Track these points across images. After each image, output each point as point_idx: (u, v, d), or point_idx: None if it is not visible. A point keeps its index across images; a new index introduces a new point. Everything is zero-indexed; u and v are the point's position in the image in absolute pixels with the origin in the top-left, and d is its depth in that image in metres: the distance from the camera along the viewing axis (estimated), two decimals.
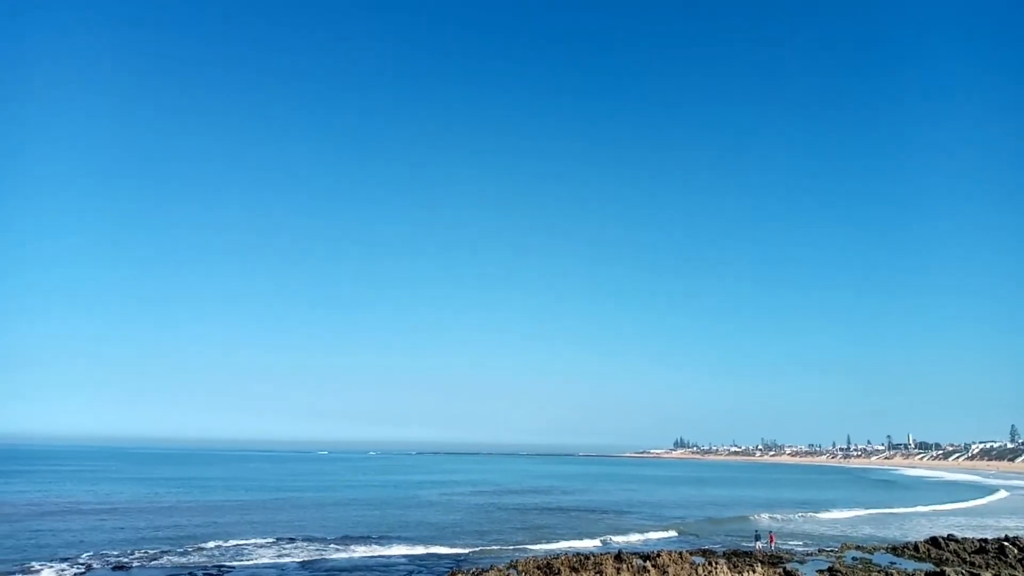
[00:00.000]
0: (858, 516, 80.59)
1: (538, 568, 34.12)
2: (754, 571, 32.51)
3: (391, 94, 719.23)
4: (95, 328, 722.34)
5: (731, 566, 33.98)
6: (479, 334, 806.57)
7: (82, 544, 47.35)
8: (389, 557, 45.23)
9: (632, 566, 33.80)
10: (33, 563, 39.76)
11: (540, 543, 52.58)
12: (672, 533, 60.60)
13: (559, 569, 33.30)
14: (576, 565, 34.37)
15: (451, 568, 39.63)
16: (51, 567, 38.96)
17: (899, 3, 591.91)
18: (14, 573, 36.95)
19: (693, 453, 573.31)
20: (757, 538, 49.20)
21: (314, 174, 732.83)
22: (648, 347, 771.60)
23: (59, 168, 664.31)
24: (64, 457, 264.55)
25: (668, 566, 33.72)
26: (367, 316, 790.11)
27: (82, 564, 40.34)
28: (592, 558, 36.09)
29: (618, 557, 35.99)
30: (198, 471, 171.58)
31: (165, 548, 46.40)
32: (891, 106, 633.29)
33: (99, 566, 39.97)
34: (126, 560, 41.77)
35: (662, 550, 40.83)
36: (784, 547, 50.02)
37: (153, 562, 41.57)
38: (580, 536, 57.33)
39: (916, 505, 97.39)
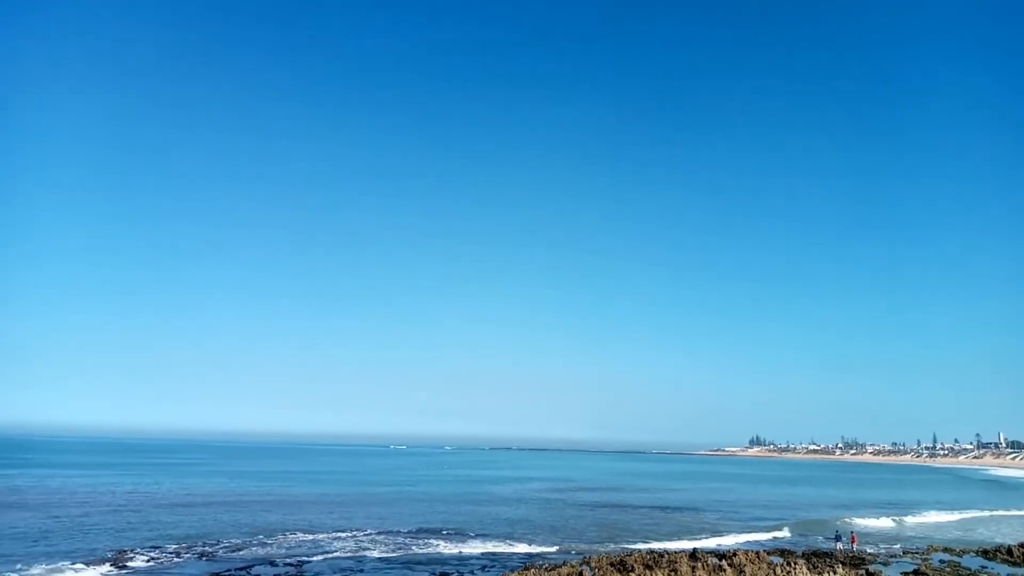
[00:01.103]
0: (946, 518, 77.39)
1: (611, 565, 33.96)
2: (835, 572, 31.62)
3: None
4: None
5: (810, 567, 33.14)
6: (552, 333, 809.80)
7: (169, 535, 49.44)
8: (464, 551, 45.74)
9: (708, 565, 33.31)
10: (126, 551, 41.88)
11: (613, 541, 52.36)
12: (749, 533, 59.46)
13: (632, 566, 33.06)
14: (650, 562, 34.07)
15: (524, 563, 39.82)
16: (142, 555, 40.90)
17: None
18: (110, 560, 38.90)
19: (769, 451, 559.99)
20: (838, 538, 47.79)
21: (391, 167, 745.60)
22: (721, 343, 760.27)
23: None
24: (150, 451, 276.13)
25: (745, 566, 33.11)
26: (443, 314, 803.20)
27: (170, 552, 42.20)
28: (666, 556, 35.71)
29: (693, 555, 35.53)
30: (278, 465, 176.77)
31: (247, 539, 48.13)
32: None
33: (186, 555, 41.70)
34: (210, 550, 43.47)
35: (738, 549, 40.12)
36: (866, 548, 48.49)
37: (236, 552, 43.11)
38: (654, 534, 56.83)
39: (1009, 508, 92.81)
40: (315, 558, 41.70)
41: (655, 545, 48.47)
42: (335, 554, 43.30)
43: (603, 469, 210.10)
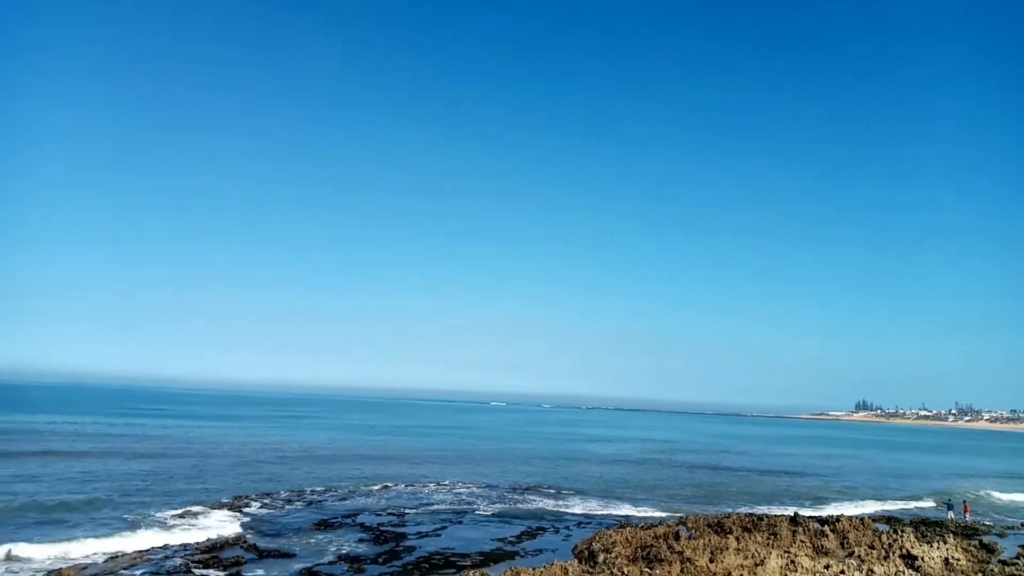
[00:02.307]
0: None
1: (708, 526, 33.88)
2: (945, 542, 30.53)
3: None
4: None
5: (919, 535, 32.11)
6: (650, 292, 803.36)
7: (281, 483, 52.46)
8: (560, 508, 46.55)
9: (809, 530, 32.78)
10: (242, 496, 44.79)
11: (710, 502, 52.13)
12: (853, 500, 57.97)
13: (730, 528, 32.89)
14: (748, 525, 33.79)
15: (619, 522, 40.23)
16: (256, 501, 43.62)
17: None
18: (227, 504, 41.67)
19: (877, 416, 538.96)
20: (950, 507, 46.00)
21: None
22: (825, 303, 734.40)
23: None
24: (261, 403, 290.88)
25: (848, 532, 32.41)
26: (543, 272, 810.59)
27: (282, 499, 44.80)
28: (766, 519, 35.33)
29: (794, 520, 35.01)
30: (382, 419, 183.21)
31: (352, 489, 50.52)
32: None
33: (296, 502, 44.20)
34: (318, 498, 45.90)
35: (842, 515, 39.21)
36: (982, 519, 46.49)
37: (342, 501, 45.37)
38: (752, 498, 56.21)
39: None
40: (416, 509, 43.37)
41: (754, 507, 47.96)
42: (434, 506, 44.89)
43: (701, 431, 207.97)
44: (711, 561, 24.94)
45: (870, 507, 53.14)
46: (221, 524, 36.10)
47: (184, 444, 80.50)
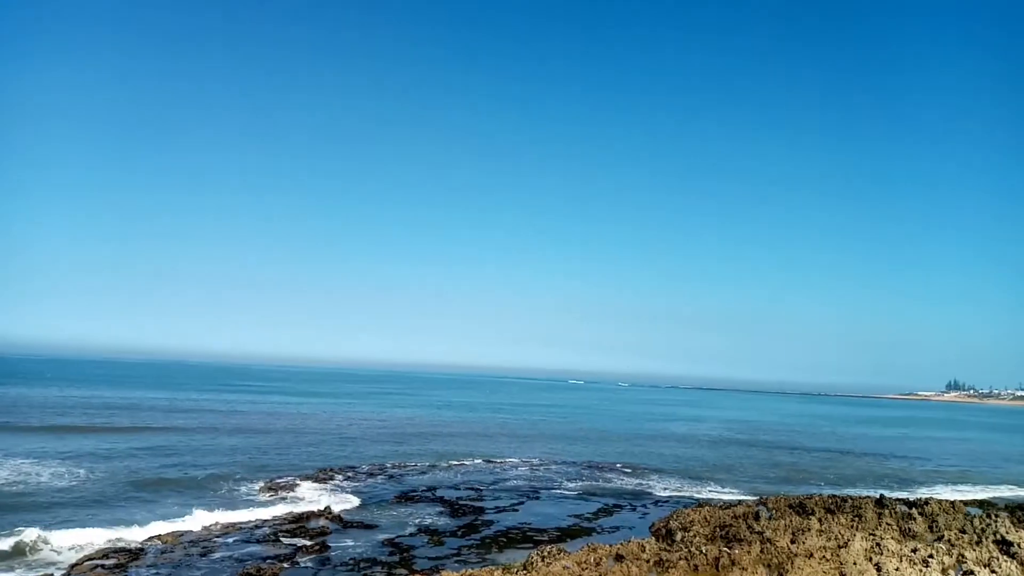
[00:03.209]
0: None
1: (790, 507, 33.28)
2: None
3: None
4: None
5: (1015, 520, 30.76)
6: (730, 269, 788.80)
7: (363, 457, 54.24)
8: (636, 486, 46.50)
9: (896, 512, 31.83)
10: (327, 469, 46.52)
11: (790, 483, 51.16)
12: (943, 483, 55.91)
13: (813, 509, 32.24)
14: (832, 506, 33.05)
15: (698, 501, 39.95)
16: (340, 474, 45.18)
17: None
18: (312, 476, 43.24)
19: (969, 396, 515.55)
20: None
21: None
22: (913, 278, 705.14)
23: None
24: (344, 380, 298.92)
25: (937, 515, 31.32)
26: (626, 251, 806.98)
27: (364, 473, 46.26)
28: (850, 500, 34.46)
29: (879, 502, 34.03)
30: (462, 395, 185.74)
31: (432, 464, 51.69)
32: None
33: (378, 475, 45.53)
34: (399, 472, 47.15)
35: (931, 497, 37.91)
36: None
37: (421, 475, 46.47)
38: (836, 479, 54.89)
39: None
40: (494, 485, 44.02)
41: (837, 490, 46.81)
42: (512, 482, 45.46)
43: (782, 411, 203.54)
44: (792, 542, 24.55)
45: (961, 491, 51.16)
46: (307, 496, 37.54)
47: (272, 419, 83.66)
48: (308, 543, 28.05)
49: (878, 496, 35.37)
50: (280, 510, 33.67)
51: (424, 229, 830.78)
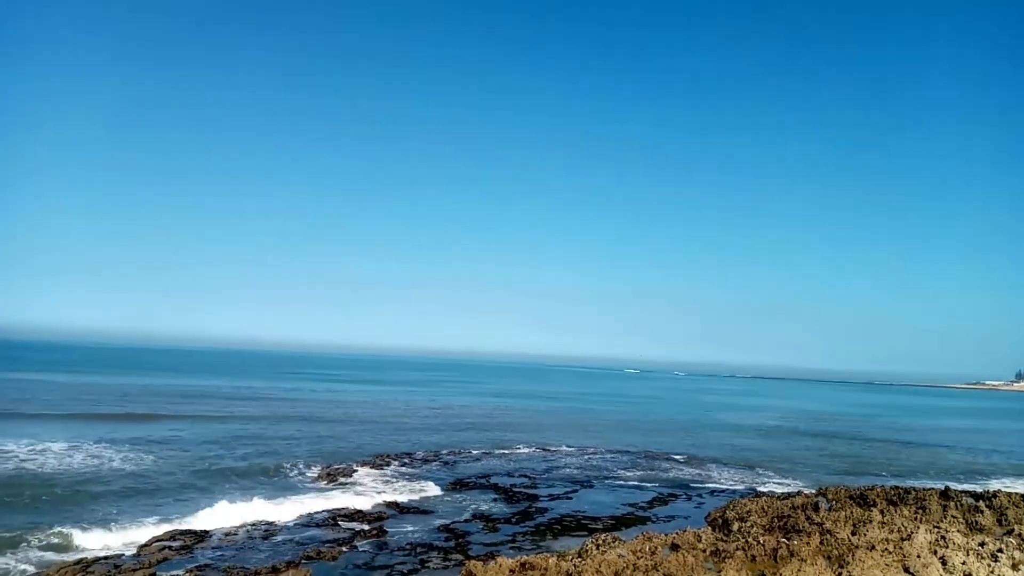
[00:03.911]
0: None
1: (850, 498, 32.60)
2: None
3: None
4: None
5: None
6: (792, 256, 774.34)
7: (418, 442, 55.20)
8: (694, 476, 46.10)
9: (961, 504, 30.92)
10: (383, 455, 47.36)
11: (851, 474, 50.08)
12: (1013, 474, 54.06)
13: (874, 500, 31.51)
14: (894, 498, 32.26)
15: (755, 491, 39.46)
16: (395, 460, 45.92)
17: None
18: (370, 462, 44.01)
19: None
20: None
21: None
22: (982, 263, 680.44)
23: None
24: (399, 368, 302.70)
25: (1007, 508, 30.31)
26: (680, 240, 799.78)
27: (419, 459, 46.92)
28: (913, 492, 33.58)
29: (944, 494, 33.09)
30: (519, 384, 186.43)
31: (486, 450, 52.26)
32: None
33: (433, 462, 46.13)
34: (454, 459, 47.72)
35: (999, 490, 36.69)
36: None
37: (476, 462, 47.01)
38: (898, 470, 53.54)
39: None
40: (548, 472, 44.16)
41: (900, 482, 45.65)
42: (566, 470, 45.53)
43: (843, 400, 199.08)
44: (853, 534, 24.07)
45: None
46: (364, 482, 38.26)
47: (330, 407, 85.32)
48: (366, 528, 28.61)
49: (943, 488, 34.40)
50: (338, 495, 34.38)
51: (483, 216, 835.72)
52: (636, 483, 42.15)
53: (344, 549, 25.52)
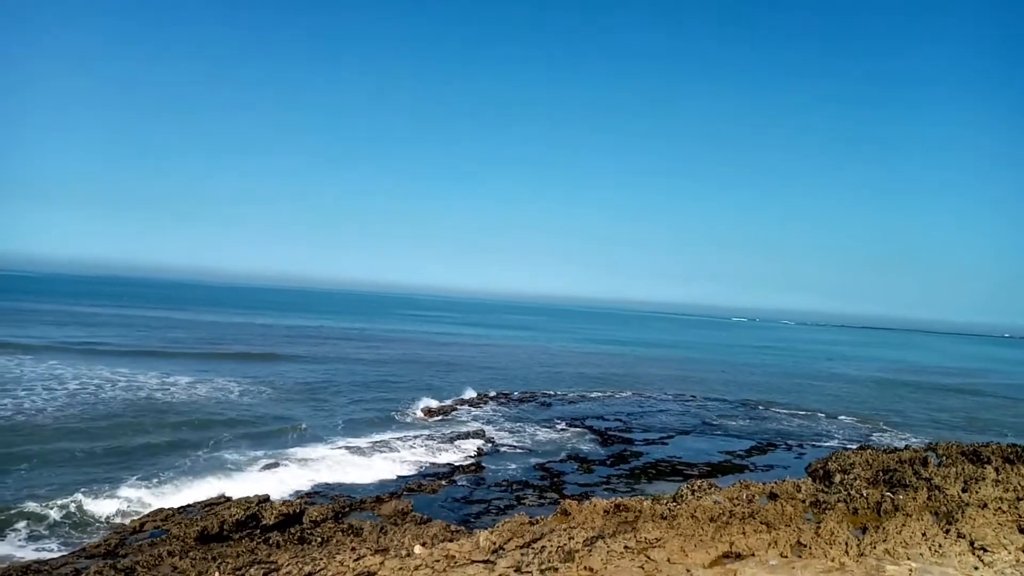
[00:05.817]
0: None
1: (962, 454, 31.14)
2: None
3: None
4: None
5: None
6: (911, 205, 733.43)
7: (514, 382, 56.93)
8: (795, 426, 45.19)
9: None
10: (483, 393, 49.08)
11: (963, 429, 47.93)
12: None
13: (988, 457, 30.00)
14: (1011, 456, 30.57)
15: (860, 443, 38.34)
16: (494, 400, 47.30)
17: None
18: (471, 401, 45.44)
19: None
20: None
21: None
22: None
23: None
24: (506, 311, 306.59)
25: None
26: (795, 190, 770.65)
27: (515, 399, 48.22)
28: None
29: None
30: (623, 331, 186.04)
31: (583, 393, 53.10)
32: None
33: (529, 402, 47.24)
34: (548, 400, 48.87)
35: None
36: None
37: (570, 404, 47.75)
38: (1017, 426, 50.77)
39: None
40: (644, 417, 44.25)
41: (1019, 441, 43.32)
42: (663, 415, 45.48)
43: (958, 353, 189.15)
44: (964, 491, 23.11)
45: None
46: (464, 419, 39.49)
47: (433, 348, 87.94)
48: (465, 463, 29.59)
49: None
50: (439, 431, 35.61)
51: (597, 164, 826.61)
52: (734, 431, 41.68)
53: (443, 483, 26.53)
